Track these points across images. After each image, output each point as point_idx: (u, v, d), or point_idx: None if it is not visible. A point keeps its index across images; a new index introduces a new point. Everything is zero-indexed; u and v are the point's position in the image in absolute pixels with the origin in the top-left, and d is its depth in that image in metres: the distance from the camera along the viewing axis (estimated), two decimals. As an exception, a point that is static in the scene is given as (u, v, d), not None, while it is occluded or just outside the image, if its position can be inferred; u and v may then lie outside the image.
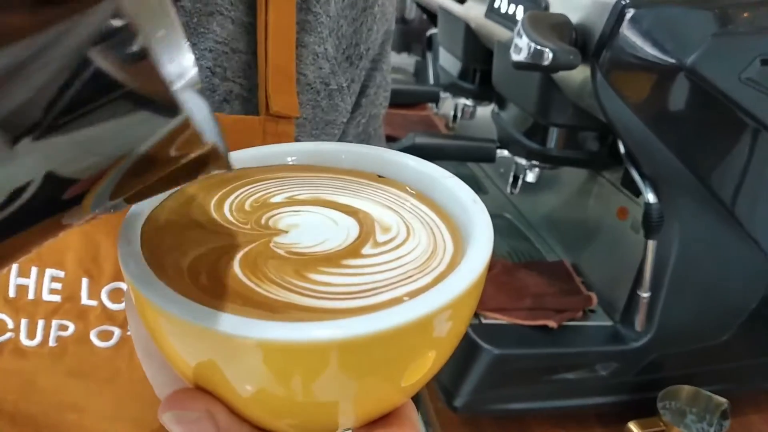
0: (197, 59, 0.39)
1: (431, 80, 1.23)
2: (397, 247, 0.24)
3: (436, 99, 1.08)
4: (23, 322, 0.38)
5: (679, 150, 0.62)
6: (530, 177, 0.80)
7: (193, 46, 0.39)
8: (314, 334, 0.19)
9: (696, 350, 0.73)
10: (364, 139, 0.51)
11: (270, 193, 0.28)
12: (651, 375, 0.73)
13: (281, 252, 0.24)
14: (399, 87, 1.20)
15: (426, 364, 0.22)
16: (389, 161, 0.30)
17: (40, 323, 0.38)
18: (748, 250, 0.67)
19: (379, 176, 0.30)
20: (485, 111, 1.01)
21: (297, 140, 0.44)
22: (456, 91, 1.01)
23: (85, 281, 0.39)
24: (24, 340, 0.38)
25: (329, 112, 0.45)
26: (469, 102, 1.01)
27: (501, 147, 0.82)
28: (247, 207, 0.27)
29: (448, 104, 1.11)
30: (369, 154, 0.31)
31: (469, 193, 0.27)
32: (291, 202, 0.27)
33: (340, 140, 0.49)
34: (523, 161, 0.79)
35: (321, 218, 0.26)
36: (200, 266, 0.23)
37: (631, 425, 0.68)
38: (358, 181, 0.30)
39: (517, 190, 0.83)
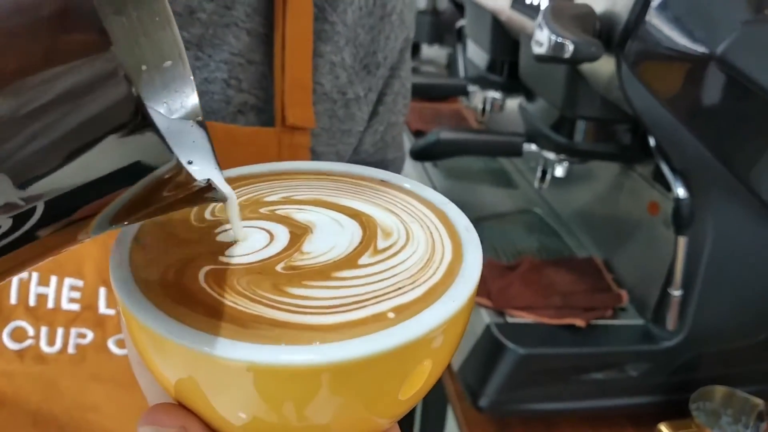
0: (212, 71, 0.39)
1: (461, 73, 1.22)
2: (395, 254, 0.24)
3: (464, 92, 1.07)
4: (43, 329, 0.39)
5: (710, 143, 0.60)
6: (559, 171, 0.79)
7: (209, 57, 0.40)
8: (275, 358, 0.19)
9: (731, 350, 0.70)
10: (382, 147, 0.51)
11: (263, 193, 0.27)
12: (684, 375, 0.71)
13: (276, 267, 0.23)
14: (426, 81, 1.19)
15: (411, 387, 0.22)
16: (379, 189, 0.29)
17: (60, 331, 0.39)
18: (786, 246, 0.64)
19: (382, 180, 0.30)
20: (515, 103, 0.99)
21: (313, 150, 0.43)
22: (484, 83, 1.00)
23: (102, 290, 0.40)
24: (44, 347, 0.39)
25: (346, 122, 0.45)
26: (497, 95, 0.99)
27: (528, 141, 0.80)
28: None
29: (478, 97, 1.09)
30: (365, 175, 0.30)
31: (463, 221, 0.26)
32: (289, 201, 0.27)
33: (356, 149, 0.48)
34: (551, 155, 0.78)
35: (327, 220, 0.26)
36: (178, 275, 0.22)
37: (662, 427, 0.66)
38: (358, 183, 0.29)
39: (546, 185, 0.82)
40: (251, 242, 0.24)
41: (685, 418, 0.66)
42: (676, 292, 0.67)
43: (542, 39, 0.56)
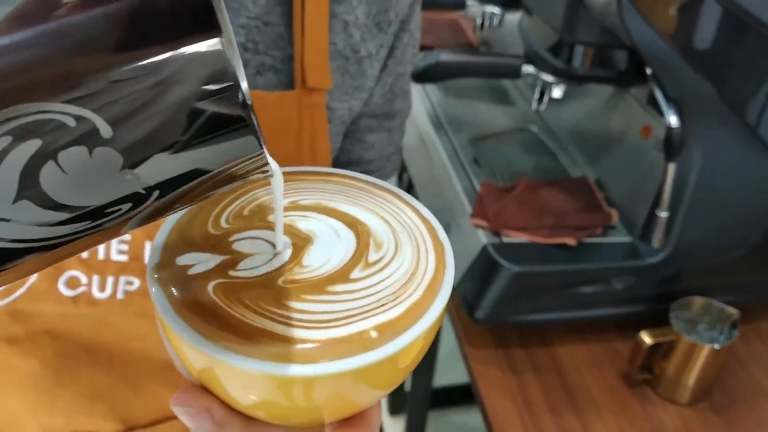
0: None
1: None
2: (383, 268, 0.27)
3: (462, 6, 1.05)
4: (95, 278, 0.43)
5: (704, 71, 0.62)
6: (556, 93, 0.80)
7: None
8: (273, 370, 0.23)
9: (710, 265, 0.75)
10: (390, 98, 0.52)
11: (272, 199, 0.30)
12: (666, 288, 0.76)
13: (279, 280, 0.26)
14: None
15: (388, 381, 0.26)
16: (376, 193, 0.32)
17: (110, 279, 0.43)
18: (769, 170, 0.67)
19: (381, 187, 0.32)
20: (514, 18, 0.99)
21: (328, 107, 0.45)
22: (483, -2, 0.99)
23: (148, 244, 0.44)
24: (96, 293, 0.44)
25: (357, 78, 0.47)
26: (496, 10, 0.99)
27: (527, 63, 0.81)
28: (246, 213, 0.29)
29: (477, 11, 1.08)
30: (357, 185, 0.32)
31: (445, 236, 0.29)
32: (294, 207, 0.29)
33: (366, 102, 0.50)
34: (549, 78, 0.79)
35: (326, 229, 0.28)
36: (197, 289, 0.26)
37: (643, 334, 0.72)
38: (358, 187, 0.31)
39: (543, 106, 0.83)
40: (258, 255, 0.27)
41: (665, 326, 0.72)
42: (663, 214, 0.71)
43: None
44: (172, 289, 0.26)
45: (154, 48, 0.18)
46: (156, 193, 0.20)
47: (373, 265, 0.27)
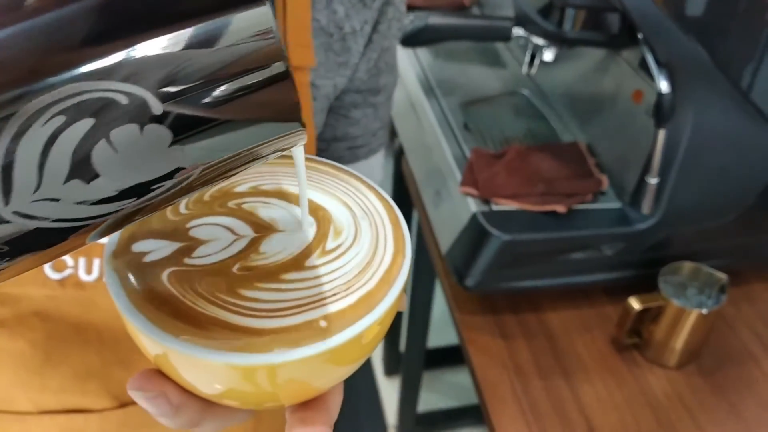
0: None
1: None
2: (340, 256, 0.26)
3: (453, -34, 1.02)
4: (81, 260, 0.43)
5: (696, 36, 0.60)
6: (547, 56, 0.79)
7: None
8: (222, 359, 0.23)
9: (700, 230, 0.75)
10: (375, 74, 0.51)
11: (235, 182, 0.29)
12: (655, 253, 0.76)
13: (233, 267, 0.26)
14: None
15: (344, 365, 0.26)
16: (341, 178, 0.31)
17: (96, 261, 0.43)
18: (761, 135, 0.66)
19: (347, 171, 0.31)
20: (505, -23, 0.96)
21: (312, 84, 0.44)
22: (474, -44, 0.96)
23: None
24: (83, 275, 0.43)
25: (342, 55, 0.46)
26: (487, -31, 0.96)
27: (517, 25, 0.79)
28: (206, 198, 0.29)
29: (468, -32, 1.05)
30: (322, 170, 0.31)
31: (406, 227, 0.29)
32: (256, 192, 0.29)
33: (351, 78, 0.49)
34: (539, 41, 0.78)
35: (286, 216, 0.28)
36: (151, 275, 0.25)
37: (631, 300, 0.72)
38: (320, 170, 0.31)
39: (534, 70, 0.82)
40: (215, 242, 0.26)
41: (654, 291, 0.72)
42: (653, 180, 0.70)
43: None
44: (128, 276, 0.25)
45: (205, 19, 0.18)
46: (200, 169, 0.20)
47: (330, 252, 0.26)
